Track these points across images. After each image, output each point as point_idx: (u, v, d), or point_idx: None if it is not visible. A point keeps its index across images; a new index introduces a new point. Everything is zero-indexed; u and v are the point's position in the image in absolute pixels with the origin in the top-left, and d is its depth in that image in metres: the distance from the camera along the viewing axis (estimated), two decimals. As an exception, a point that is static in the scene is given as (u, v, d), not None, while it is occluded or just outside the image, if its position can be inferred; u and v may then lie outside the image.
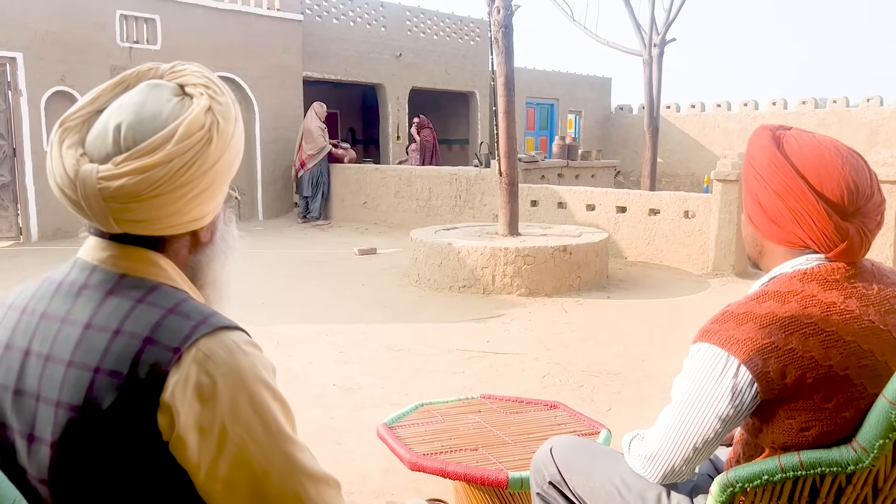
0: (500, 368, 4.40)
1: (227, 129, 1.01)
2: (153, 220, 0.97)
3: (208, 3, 11.16)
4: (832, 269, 1.26)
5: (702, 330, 1.29)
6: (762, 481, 1.21)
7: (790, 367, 1.18)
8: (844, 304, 1.22)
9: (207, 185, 0.99)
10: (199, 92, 1.01)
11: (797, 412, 1.21)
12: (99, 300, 0.96)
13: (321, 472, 1.01)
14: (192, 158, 0.96)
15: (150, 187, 0.94)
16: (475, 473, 1.86)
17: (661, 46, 10.97)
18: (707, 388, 1.25)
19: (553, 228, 7.66)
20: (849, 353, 1.18)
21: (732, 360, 1.21)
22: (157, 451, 0.91)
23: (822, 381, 1.17)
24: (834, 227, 1.24)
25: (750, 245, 1.42)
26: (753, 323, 1.22)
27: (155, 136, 0.95)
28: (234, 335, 0.97)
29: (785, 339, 1.19)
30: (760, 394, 1.21)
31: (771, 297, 1.25)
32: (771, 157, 1.30)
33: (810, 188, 1.25)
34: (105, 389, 0.90)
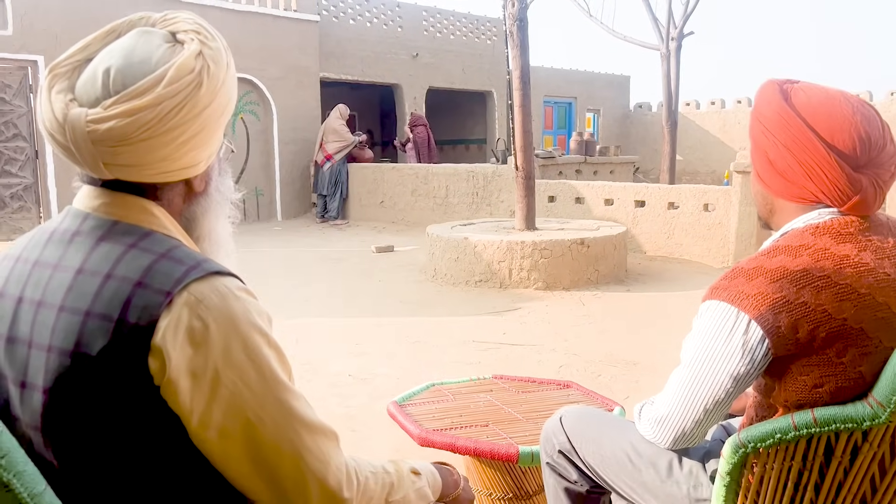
0: (517, 359, 4.37)
1: (219, 73, 0.99)
2: (144, 165, 0.96)
3: (225, 4, 11.25)
4: (845, 222, 1.23)
5: (711, 287, 1.26)
6: (775, 440, 1.17)
7: (802, 321, 1.14)
8: (858, 257, 1.18)
9: (199, 129, 0.98)
10: (189, 38, 1.00)
11: (810, 368, 1.17)
12: (91, 246, 0.96)
13: (318, 422, 1.00)
14: (182, 101, 0.94)
15: (139, 130, 0.93)
16: (485, 448, 1.84)
17: (679, 40, 10.87)
18: (717, 347, 1.21)
19: (571, 223, 7.62)
20: (863, 305, 1.14)
21: (743, 315, 1.18)
22: (149, 396, 0.89)
23: (836, 335, 1.14)
24: (847, 180, 1.20)
25: (760, 204, 1.38)
26: (764, 278, 1.18)
27: (144, 79, 0.94)
28: (227, 280, 0.95)
29: (797, 293, 1.15)
30: (772, 350, 1.17)
31: (782, 252, 1.21)
32: (779, 110, 1.27)
33: (821, 140, 1.22)
34: (96, 333, 0.89)
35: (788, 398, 1.21)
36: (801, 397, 1.19)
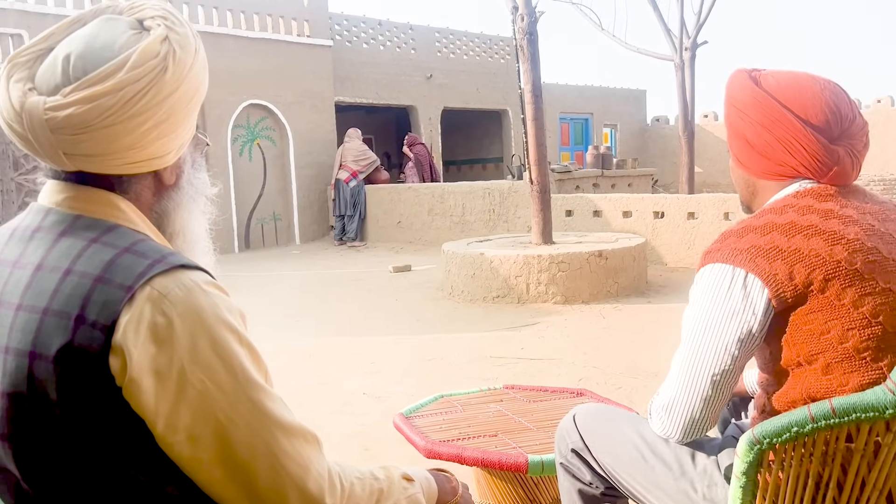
0: (535, 373, 4.28)
1: (185, 58, 0.95)
2: (107, 154, 0.92)
3: (239, 32, 11.39)
4: (825, 187, 1.27)
5: (704, 253, 1.26)
6: (792, 435, 1.09)
7: (798, 266, 1.14)
8: (842, 211, 1.21)
9: (165, 117, 0.93)
10: (156, 24, 0.96)
11: (814, 315, 1.14)
12: (51, 242, 0.91)
13: (297, 425, 0.93)
14: (146, 87, 0.90)
15: (99, 116, 0.88)
16: (493, 458, 1.76)
17: (693, 50, 10.79)
18: (717, 308, 1.19)
19: (588, 236, 7.53)
20: (854, 249, 1.15)
21: (739, 270, 1.17)
22: (111, 398, 0.84)
23: (833, 278, 1.13)
24: (824, 151, 1.25)
25: (742, 189, 1.41)
26: (754, 233, 1.20)
27: (106, 64, 0.90)
28: (194, 274, 0.90)
29: (788, 241, 1.16)
30: (773, 301, 1.15)
31: (767, 213, 1.25)
32: (753, 93, 1.31)
33: (795, 116, 1.26)
34: (54, 332, 0.84)
35: (800, 352, 1.17)
36: (811, 348, 1.15)
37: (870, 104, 17.41)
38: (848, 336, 1.13)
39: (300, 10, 12.33)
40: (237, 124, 11.45)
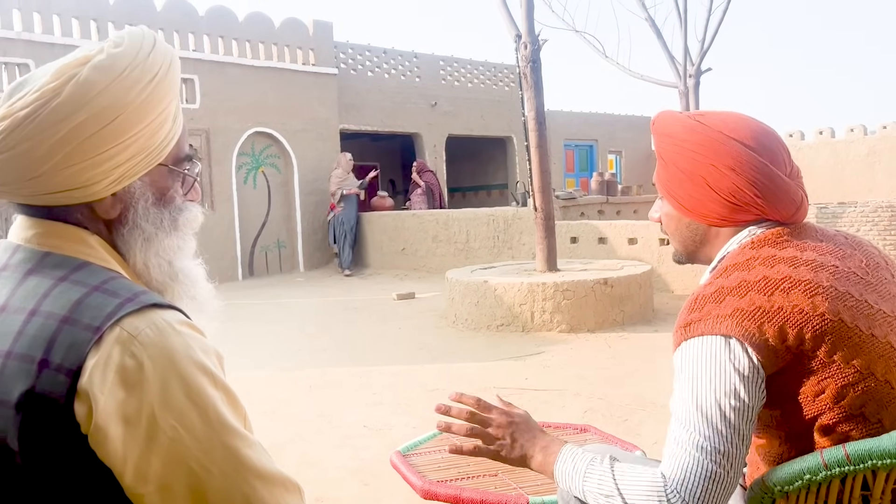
0: (539, 405, 4.19)
1: (97, 79, 0.88)
2: (11, 183, 0.88)
3: (244, 61, 11.48)
4: (777, 232, 1.20)
5: (682, 326, 1.14)
6: (804, 482, 1.03)
7: (785, 325, 1.06)
8: (805, 255, 1.14)
9: (65, 144, 0.86)
10: (103, 45, 0.92)
11: (806, 376, 1.07)
12: (18, 281, 0.87)
13: (276, 473, 0.88)
14: (33, 112, 0.85)
15: None
16: (492, 500, 1.69)
17: (697, 77, 10.82)
18: (710, 385, 1.07)
19: (594, 263, 7.46)
20: (832, 297, 1.08)
21: (726, 340, 1.07)
22: (76, 447, 0.79)
23: (822, 332, 1.06)
24: (791, 188, 1.21)
25: (686, 239, 1.31)
26: (731, 296, 1.11)
27: (22, 90, 0.87)
28: (167, 314, 0.85)
29: (769, 300, 1.08)
30: (768, 366, 1.06)
31: (734, 269, 1.16)
32: (708, 134, 1.23)
33: (757, 154, 1.20)
34: (16, 376, 0.79)
35: (795, 417, 1.09)
36: (807, 412, 1.08)
37: (875, 130, 17.40)
38: (844, 394, 1.05)
39: (305, 39, 12.44)
40: (242, 152, 11.49)
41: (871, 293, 1.11)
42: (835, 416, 1.06)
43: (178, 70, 0.99)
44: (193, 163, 1.03)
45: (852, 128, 17.65)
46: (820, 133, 18.09)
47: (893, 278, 1.18)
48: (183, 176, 1.01)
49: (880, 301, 1.11)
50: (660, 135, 1.29)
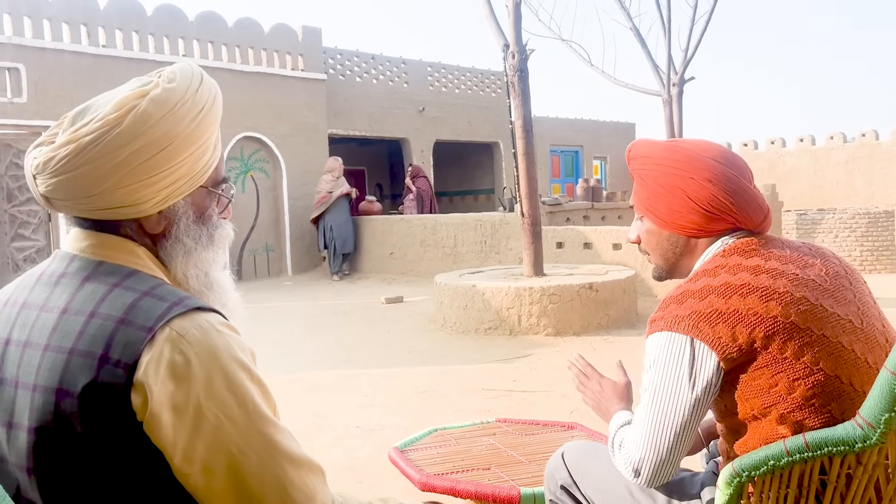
0: (527, 406, 4.32)
1: (153, 112, 0.99)
2: (72, 199, 0.99)
3: (234, 66, 11.55)
4: (746, 242, 1.33)
5: (649, 322, 1.31)
6: (769, 468, 1.16)
7: (738, 327, 1.20)
8: (767, 265, 1.27)
9: (122, 167, 0.97)
10: (156, 80, 1.03)
11: (760, 371, 1.20)
12: (76, 286, 0.98)
13: (304, 457, 1.00)
14: (97, 139, 0.96)
15: (55, 164, 0.97)
16: (486, 490, 1.81)
17: (680, 85, 11.01)
18: (669, 375, 1.25)
19: (579, 268, 7.61)
20: (787, 302, 1.21)
21: (684, 338, 1.23)
22: (133, 432, 0.90)
23: (773, 333, 1.19)
24: (760, 198, 1.36)
25: (668, 251, 1.43)
26: (693, 299, 1.26)
27: (86, 118, 0.98)
28: (209, 316, 0.97)
29: (725, 303, 1.22)
30: (721, 363, 1.21)
31: (702, 275, 1.30)
32: (690, 154, 1.37)
33: (728, 168, 1.34)
34: (79, 370, 0.90)
35: (753, 406, 1.22)
36: (763, 402, 1.21)
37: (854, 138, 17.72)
38: (795, 386, 1.19)
39: (295, 45, 12.53)
40: (231, 156, 11.55)
41: (828, 298, 1.24)
42: (788, 406, 1.19)
43: (220, 104, 1.11)
44: (229, 185, 1.15)
45: (832, 135, 17.97)
46: (801, 140, 18.39)
47: (851, 286, 1.31)
48: (219, 197, 1.13)
49: (835, 306, 1.24)
50: (639, 157, 1.43)
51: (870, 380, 1.20)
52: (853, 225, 10.38)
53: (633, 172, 1.45)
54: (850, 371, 1.20)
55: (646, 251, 1.47)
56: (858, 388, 1.20)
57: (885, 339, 1.28)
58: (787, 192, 17.23)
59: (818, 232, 10.59)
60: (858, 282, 1.33)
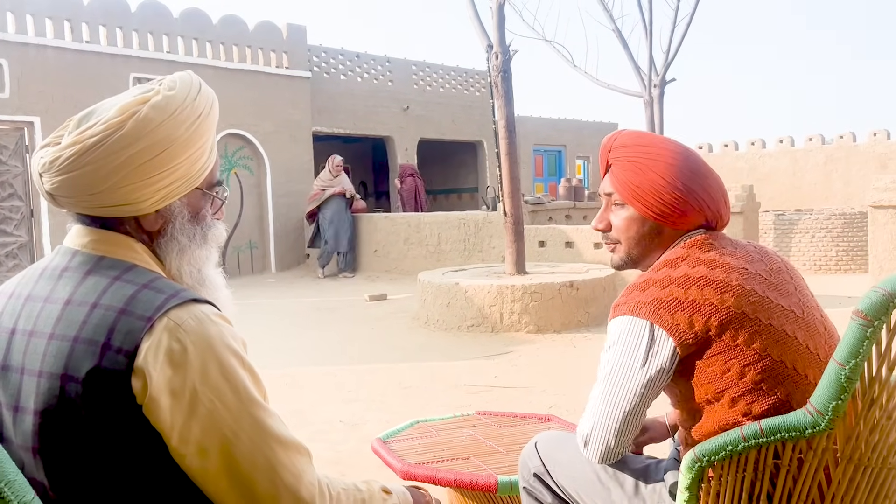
0: (507, 402, 4.40)
1: (154, 117, 1.05)
2: (75, 197, 1.06)
3: (218, 63, 11.55)
4: (704, 237, 1.43)
5: (613, 307, 1.39)
6: (727, 452, 1.24)
7: (696, 315, 1.29)
8: (722, 260, 1.37)
9: (123, 168, 1.04)
10: (157, 87, 1.10)
11: (715, 357, 1.29)
12: (79, 279, 1.04)
13: (292, 439, 1.06)
14: (99, 141, 1.03)
15: (60, 163, 1.03)
16: (465, 479, 1.89)
17: (662, 87, 11.16)
18: (627, 356, 1.33)
19: (561, 267, 7.71)
20: (739, 294, 1.30)
21: (644, 322, 1.31)
22: (132, 414, 0.97)
23: (726, 322, 1.28)
24: (726, 196, 1.49)
25: (644, 240, 1.48)
26: (655, 287, 1.34)
27: (90, 121, 1.05)
28: (204, 307, 1.04)
29: (685, 293, 1.31)
30: (678, 349, 1.29)
31: (664, 266, 1.39)
32: (675, 148, 1.46)
33: (705, 167, 1.46)
34: (83, 357, 0.97)
35: (707, 391, 1.31)
36: (717, 386, 1.29)
37: (832, 139, 17.97)
38: (745, 371, 1.27)
39: (279, 42, 12.53)
40: (215, 153, 11.53)
41: (773, 291, 1.34)
42: (739, 390, 1.28)
43: (217, 112, 1.18)
44: (223, 188, 1.22)
45: (811, 137, 18.21)
46: (780, 142, 18.62)
47: (792, 280, 1.41)
48: (213, 198, 1.20)
49: (779, 298, 1.34)
50: (634, 146, 1.47)
51: (811, 364, 1.30)
52: (829, 226, 10.57)
53: (620, 159, 1.47)
54: (794, 357, 1.30)
55: (617, 240, 1.51)
56: (801, 372, 1.30)
57: (824, 328, 1.38)
58: (767, 193, 17.46)
59: (795, 232, 10.77)
60: (798, 277, 1.44)
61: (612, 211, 1.52)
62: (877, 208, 6.48)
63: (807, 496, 1.24)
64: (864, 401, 1.19)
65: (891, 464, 1.26)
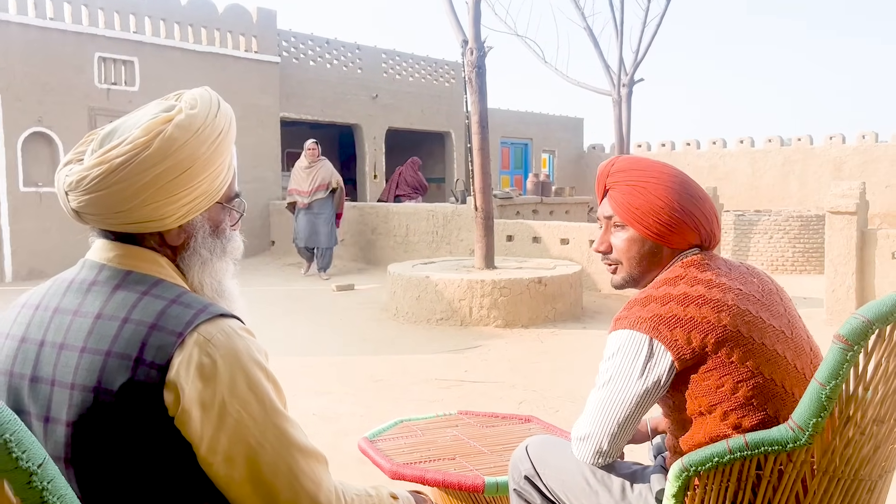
0: (478, 396, 4.48)
1: (179, 136, 1.09)
2: (102, 215, 1.09)
3: (186, 45, 11.35)
4: (701, 257, 1.51)
5: (614, 320, 1.47)
6: (713, 464, 1.33)
7: (693, 332, 1.37)
8: (718, 280, 1.45)
9: (149, 186, 1.07)
10: (179, 105, 1.13)
11: (710, 372, 1.37)
12: (108, 294, 1.07)
13: (311, 448, 1.12)
14: (127, 160, 1.06)
15: (87, 182, 1.06)
16: (452, 480, 1.95)
17: (630, 86, 11.33)
18: (626, 367, 1.41)
19: (528, 262, 7.82)
20: (734, 313, 1.39)
21: (644, 336, 1.39)
22: (164, 426, 1.01)
23: (722, 339, 1.36)
24: (718, 218, 1.58)
25: (645, 260, 1.56)
26: (655, 303, 1.42)
27: (118, 138, 1.08)
28: (231, 322, 1.08)
29: (684, 311, 1.39)
30: (675, 363, 1.37)
31: (663, 283, 1.47)
32: (676, 173, 1.56)
33: (696, 187, 1.55)
34: (116, 371, 1.00)
35: (701, 403, 1.39)
36: (710, 399, 1.38)
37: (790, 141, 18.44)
38: (738, 388, 1.36)
39: (249, 26, 12.37)
40: (181, 136, 11.36)
41: (765, 312, 1.43)
42: (731, 404, 1.36)
43: (234, 129, 1.21)
44: (240, 200, 1.25)
45: (770, 138, 18.65)
46: (741, 142, 19.04)
47: (782, 301, 1.50)
48: (231, 211, 1.24)
49: (771, 318, 1.43)
50: (631, 170, 1.56)
51: (797, 383, 1.39)
52: (786, 227, 10.88)
53: (619, 183, 1.56)
54: (783, 375, 1.39)
55: (618, 260, 1.59)
56: (789, 390, 1.39)
57: (810, 348, 1.48)
58: (727, 192, 17.84)
59: (754, 233, 11.06)
60: (786, 298, 1.54)
61: (612, 233, 1.59)
62: (834, 214, 6.71)
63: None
64: (841, 418, 1.29)
65: (861, 475, 1.36)
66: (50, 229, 9.60)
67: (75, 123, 9.98)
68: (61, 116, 9.89)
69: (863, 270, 6.69)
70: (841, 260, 6.69)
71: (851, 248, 6.63)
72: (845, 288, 6.65)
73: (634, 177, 1.55)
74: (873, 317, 1.22)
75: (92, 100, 10.24)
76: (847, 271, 6.67)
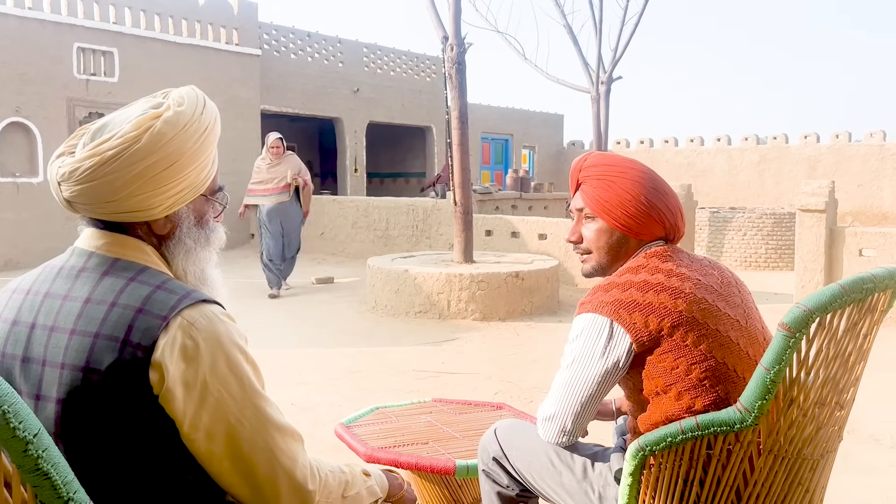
0: (455, 387, 4.57)
1: (167, 131, 1.15)
2: (92, 204, 1.15)
3: (167, 37, 11.31)
4: (664, 249, 1.60)
5: (579, 304, 1.57)
6: (667, 443, 1.41)
7: (651, 316, 1.46)
8: (678, 270, 1.54)
9: (138, 178, 1.14)
10: (167, 102, 1.20)
11: (666, 354, 1.46)
12: (97, 279, 1.13)
13: (288, 426, 1.19)
14: (117, 154, 1.12)
15: (80, 173, 1.13)
16: (425, 463, 2.03)
17: (608, 84, 11.46)
18: (588, 348, 1.51)
19: (507, 256, 7.91)
20: (691, 301, 1.48)
21: (605, 319, 1.49)
22: (149, 403, 1.07)
23: (678, 323, 1.46)
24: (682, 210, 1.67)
25: (613, 250, 1.65)
26: (617, 289, 1.52)
27: (109, 133, 1.15)
28: (213, 307, 1.15)
29: (643, 296, 1.48)
30: (634, 345, 1.46)
31: (626, 271, 1.57)
32: (643, 169, 1.65)
33: (662, 183, 1.64)
34: (104, 351, 1.06)
35: (657, 384, 1.48)
36: (666, 380, 1.47)
37: (766, 140, 18.72)
38: (692, 369, 1.45)
39: (230, 18, 12.34)
40: (160, 128, 11.32)
41: (721, 301, 1.53)
42: (685, 385, 1.46)
43: (219, 125, 1.28)
44: (223, 194, 1.32)
45: (746, 136, 18.92)
46: (718, 140, 19.29)
47: (739, 293, 1.60)
48: (215, 203, 1.30)
49: (727, 307, 1.53)
50: (602, 165, 1.65)
51: (749, 368, 1.49)
52: (760, 224, 11.08)
53: (590, 177, 1.66)
54: (735, 360, 1.48)
55: (588, 250, 1.68)
56: (740, 374, 1.48)
57: (763, 338, 1.57)
58: (704, 189, 18.08)
59: (728, 229, 11.25)
60: (745, 290, 1.63)
61: (583, 224, 1.68)
62: (804, 211, 6.87)
63: (733, 482, 1.43)
64: (785, 400, 1.38)
65: (805, 454, 1.46)
66: (27, 220, 9.55)
67: (53, 114, 9.93)
68: (39, 107, 9.82)
69: (831, 267, 6.86)
70: (811, 256, 6.85)
71: (821, 245, 6.79)
72: (814, 284, 6.81)
73: (605, 171, 1.64)
74: (814, 306, 1.31)
75: (71, 90, 10.18)
76: (816, 267, 6.84)
